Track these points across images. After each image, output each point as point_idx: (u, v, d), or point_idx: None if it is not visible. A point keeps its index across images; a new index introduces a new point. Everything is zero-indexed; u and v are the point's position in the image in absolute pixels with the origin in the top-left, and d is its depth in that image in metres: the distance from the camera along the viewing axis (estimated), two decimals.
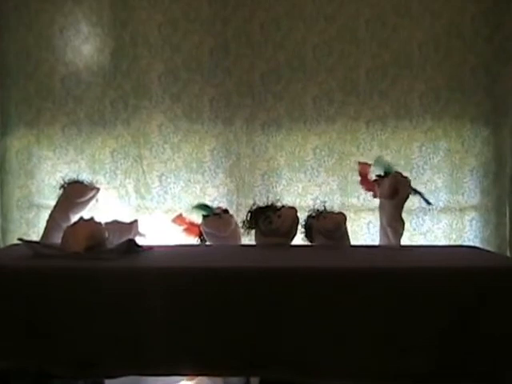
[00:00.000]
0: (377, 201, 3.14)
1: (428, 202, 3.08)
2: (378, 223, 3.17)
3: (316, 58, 3.55)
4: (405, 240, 3.44)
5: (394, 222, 2.91)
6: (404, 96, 3.53)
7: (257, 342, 2.06)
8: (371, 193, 3.14)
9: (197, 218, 3.06)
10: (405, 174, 3.03)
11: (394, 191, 2.89)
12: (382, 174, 3.01)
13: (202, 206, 3.10)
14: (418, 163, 3.54)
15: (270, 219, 2.82)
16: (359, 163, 3.21)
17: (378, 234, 3.15)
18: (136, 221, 3.01)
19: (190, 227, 3.08)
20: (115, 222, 2.91)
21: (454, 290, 2.05)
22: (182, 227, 3.10)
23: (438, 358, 2.01)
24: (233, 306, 2.07)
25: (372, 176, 3.09)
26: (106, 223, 2.73)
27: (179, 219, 3.11)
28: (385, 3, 3.51)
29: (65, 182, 3.07)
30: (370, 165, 3.11)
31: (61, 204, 3.02)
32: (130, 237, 2.75)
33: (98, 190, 3.12)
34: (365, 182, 3.15)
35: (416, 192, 3.03)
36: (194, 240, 3.07)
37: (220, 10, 3.56)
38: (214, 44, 3.57)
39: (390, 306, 2.04)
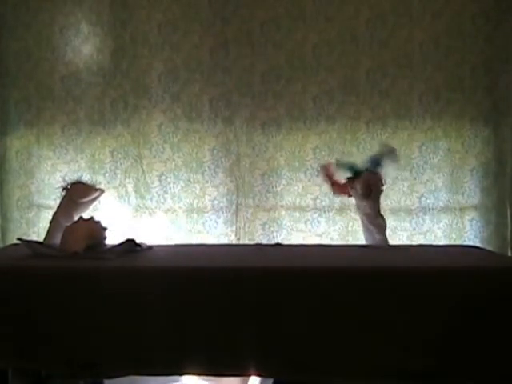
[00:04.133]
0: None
1: (393, 157, 3.01)
2: None
3: (316, 57, 3.54)
4: (404, 240, 3.47)
5: (374, 219, 2.90)
6: (404, 96, 3.52)
7: (257, 342, 2.06)
8: (343, 195, 3.07)
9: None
10: (405, 174, 3.00)
11: (367, 190, 2.88)
12: (352, 175, 2.96)
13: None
14: (418, 163, 3.53)
15: None
16: (321, 167, 3.11)
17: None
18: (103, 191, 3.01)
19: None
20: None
21: (454, 289, 2.04)
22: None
23: (439, 357, 2.01)
24: (233, 305, 2.07)
25: (337, 177, 3.03)
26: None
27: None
28: (385, 3, 3.51)
29: (68, 183, 3.07)
30: (330, 163, 3.06)
31: (64, 205, 3.01)
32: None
33: (102, 191, 3.11)
34: (334, 186, 3.04)
35: (377, 161, 2.97)
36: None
37: (220, 10, 3.55)
38: (213, 43, 3.56)
39: (390, 305, 2.04)
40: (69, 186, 3.01)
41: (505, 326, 2.02)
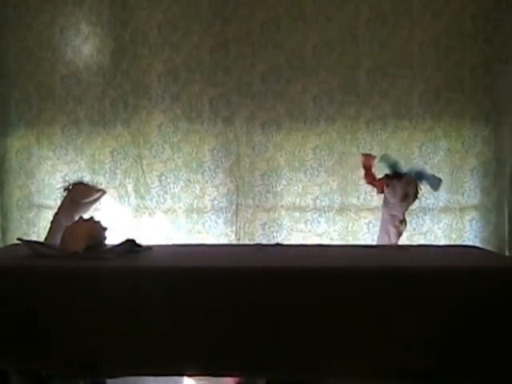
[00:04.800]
0: (376, 199, 3.11)
1: (437, 182, 3.03)
2: (377, 223, 3.16)
3: (316, 57, 3.55)
4: (405, 240, 3.45)
5: (397, 222, 2.90)
6: (404, 96, 3.53)
7: (257, 342, 2.04)
8: (373, 187, 3.09)
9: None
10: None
11: (405, 195, 2.88)
12: (391, 173, 2.96)
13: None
14: (418, 163, 3.52)
15: None
16: (362, 155, 3.13)
17: (377, 233, 3.13)
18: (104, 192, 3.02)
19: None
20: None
21: (454, 289, 2.03)
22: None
23: (439, 357, 2.00)
24: (233, 305, 2.05)
25: (375, 169, 3.03)
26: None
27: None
28: (385, 3, 3.52)
29: (69, 184, 3.07)
30: (374, 156, 3.04)
31: (65, 205, 3.01)
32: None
33: (103, 192, 3.11)
34: (368, 176, 3.05)
35: (422, 177, 2.99)
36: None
37: (220, 10, 3.56)
38: (214, 44, 3.57)
39: (390, 305, 2.02)
40: (70, 187, 3.01)
41: (505, 326, 2.01)
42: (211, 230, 3.59)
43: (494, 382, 2.04)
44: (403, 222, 2.92)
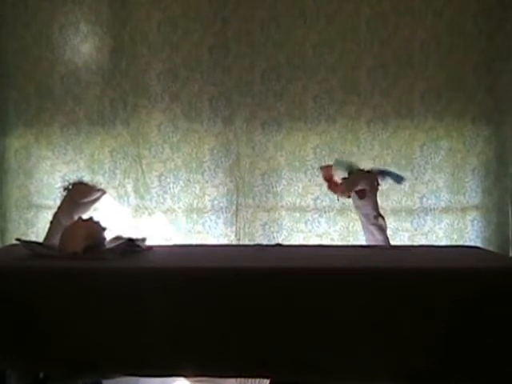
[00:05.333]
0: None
1: (400, 178, 3.03)
2: None
3: (316, 56, 3.53)
4: (406, 240, 3.45)
5: (374, 219, 2.89)
6: (405, 95, 3.52)
7: (258, 343, 2.05)
8: (341, 195, 3.08)
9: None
10: (406, 173, 2.99)
11: (361, 190, 2.87)
12: (347, 175, 2.95)
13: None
14: (420, 163, 3.53)
15: None
16: (321, 168, 3.15)
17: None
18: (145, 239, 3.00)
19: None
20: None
21: (455, 290, 2.03)
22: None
23: (440, 357, 2.00)
24: (233, 306, 2.05)
25: (337, 178, 3.02)
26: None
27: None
28: (386, 1, 3.49)
29: (69, 184, 3.06)
30: (331, 166, 3.06)
31: (65, 205, 3.00)
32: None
33: (103, 192, 3.10)
34: (332, 186, 3.08)
35: (385, 174, 2.98)
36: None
37: (220, 9, 3.54)
38: (213, 42, 3.55)
39: (392, 305, 2.02)
40: (70, 186, 3.00)
41: (506, 327, 2.00)
42: (211, 231, 3.57)
43: (497, 382, 2.03)
44: (378, 216, 2.90)
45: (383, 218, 2.90)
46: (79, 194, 3.00)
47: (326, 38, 3.53)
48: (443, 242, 3.50)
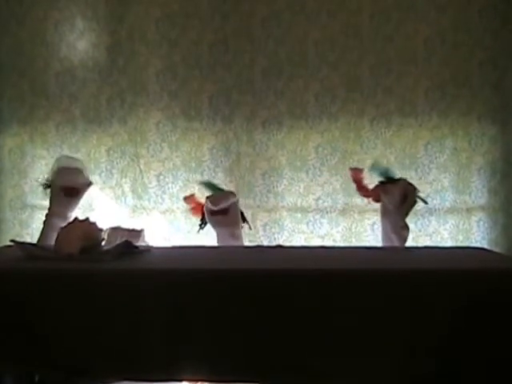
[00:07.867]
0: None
1: (425, 202, 3.02)
2: None
3: (318, 53, 3.52)
4: (410, 241, 3.39)
5: (399, 228, 2.85)
6: (409, 92, 3.50)
7: (258, 346, 2.01)
8: (370, 198, 3.05)
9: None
10: (410, 173, 2.99)
11: (403, 198, 2.84)
12: (384, 180, 2.91)
13: (210, 185, 3.03)
14: (424, 162, 3.51)
15: None
16: (350, 169, 3.12)
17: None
18: (143, 230, 2.95)
19: (197, 207, 3.02)
20: (119, 229, 2.86)
21: (461, 292, 1.99)
22: (190, 206, 3.05)
23: (442, 358, 1.96)
24: (233, 308, 2.02)
25: (366, 181, 2.98)
26: (112, 228, 2.68)
27: (190, 199, 3.05)
28: None
29: (47, 180, 2.99)
30: (361, 169, 3.01)
31: (53, 201, 2.94)
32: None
33: (90, 183, 3.02)
34: (361, 189, 3.05)
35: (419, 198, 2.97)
36: (197, 220, 3.01)
37: (219, 5, 3.52)
38: (213, 39, 3.54)
39: (395, 307, 1.98)
40: (49, 181, 2.94)
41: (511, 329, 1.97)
42: (210, 231, 3.53)
43: None
44: (405, 227, 2.87)
45: (408, 229, 2.86)
46: (61, 178, 2.93)
47: (327, 34, 3.51)
48: (448, 244, 3.48)
